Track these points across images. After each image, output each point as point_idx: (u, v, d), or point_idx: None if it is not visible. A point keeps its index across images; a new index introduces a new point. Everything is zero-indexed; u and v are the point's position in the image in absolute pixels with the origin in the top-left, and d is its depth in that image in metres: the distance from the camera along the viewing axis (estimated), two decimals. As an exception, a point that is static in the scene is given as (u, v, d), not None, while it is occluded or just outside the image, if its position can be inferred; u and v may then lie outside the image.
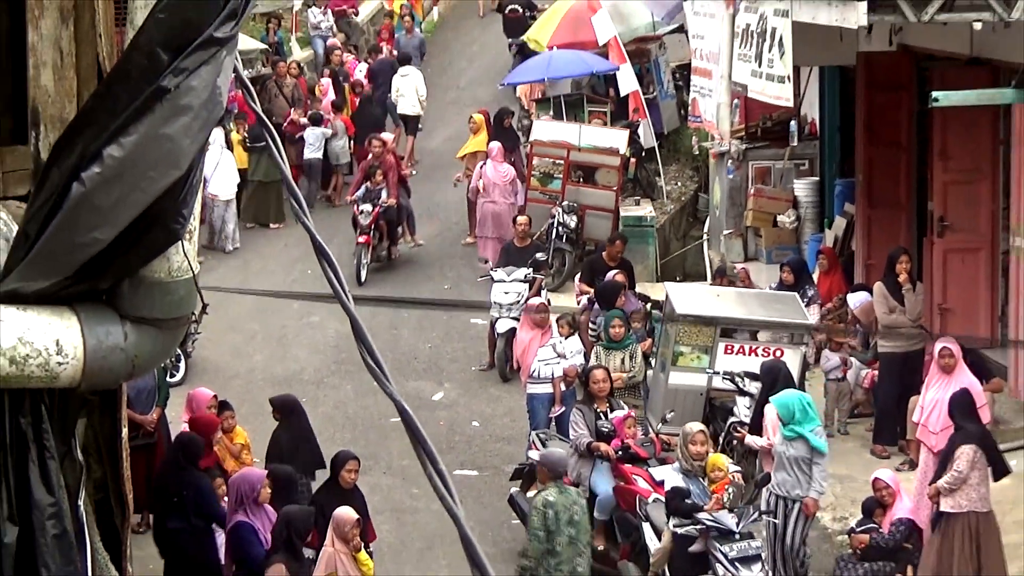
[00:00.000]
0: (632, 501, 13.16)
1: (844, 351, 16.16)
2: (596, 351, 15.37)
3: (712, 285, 18.53)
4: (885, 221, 18.28)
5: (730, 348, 15.23)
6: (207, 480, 12.54)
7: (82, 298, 4.67)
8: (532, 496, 12.81)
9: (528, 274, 19.13)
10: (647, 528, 12.85)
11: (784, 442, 12.80)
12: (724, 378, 14.90)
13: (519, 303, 18.50)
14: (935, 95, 13.56)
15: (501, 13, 31.35)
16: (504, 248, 20.21)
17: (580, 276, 19.09)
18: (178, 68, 4.45)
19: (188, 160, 4.52)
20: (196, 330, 17.01)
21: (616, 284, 17.10)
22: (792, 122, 20.78)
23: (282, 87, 25.88)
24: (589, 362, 15.18)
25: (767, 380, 13.90)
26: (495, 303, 18.79)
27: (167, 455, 13.20)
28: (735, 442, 14.28)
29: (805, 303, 16.03)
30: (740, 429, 14.21)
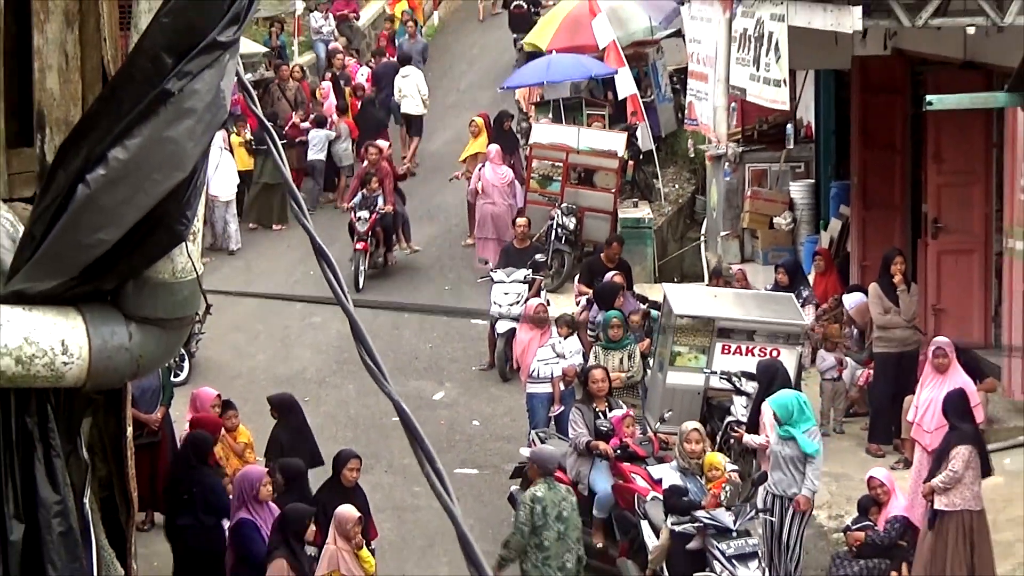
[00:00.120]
0: (631, 499, 13.19)
1: (839, 351, 16.24)
2: (595, 351, 15.41)
3: (709, 286, 18.60)
4: (880, 223, 18.27)
5: (727, 348, 15.21)
6: (216, 477, 12.61)
7: (87, 298, 4.69)
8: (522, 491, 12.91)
9: (527, 275, 19.15)
10: (645, 526, 12.89)
11: (779, 441, 12.83)
12: (721, 378, 14.92)
13: (519, 304, 18.59)
14: (929, 99, 13.57)
15: (507, 9, 31.47)
16: (504, 249, 20.25)
17: (579, 277, 19.05)
18: (182, 72, 4.46)
19: (192, 162, 4.53)
20: (200, 330, 17.12)
21: (614, 285, 17.10)
22: (788, 125, 20.68)
23: (285, 90, 25.99)
24: (588, 362, 15.20)
25: (764, 379, 13.90)
26: (495, 303, 18.90)
27: (178, 453, 13.26)
28: (732, 441, 14.31)
29: (800, 304, 16.12)
30: (737, 428, 14.22)
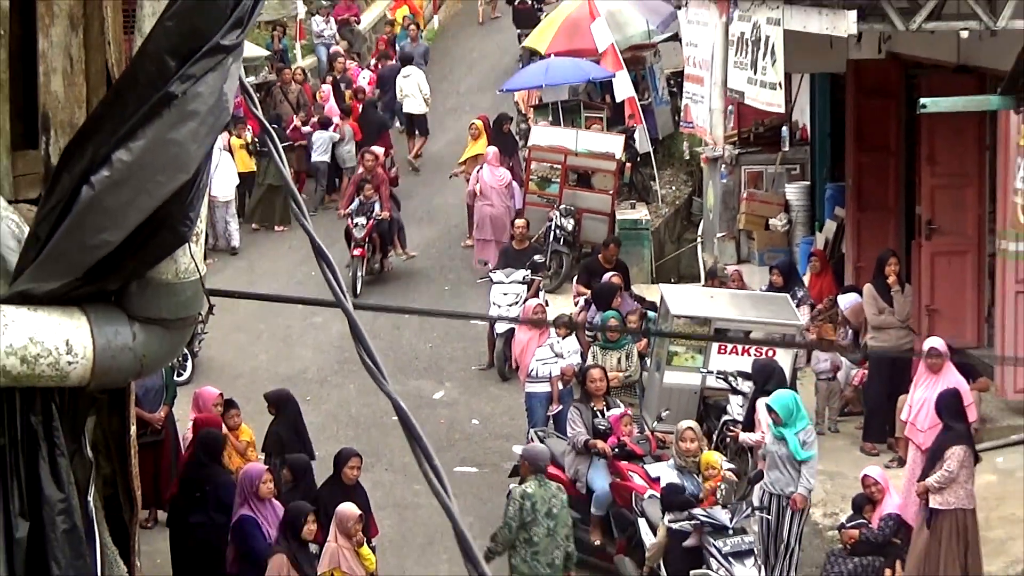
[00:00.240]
0: (628, 497, 13.28)
1: (834, 359, 16.27)
2: (593, 351, 15.51)
3: (705, 287, 18.70)
4: (874, 224, 18.31)
5: (723, 348, 15.25)
6: (227, 476, 12.68)
7: (91, 299, 4.70)
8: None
9: (526, 276, 19.26)
10: (643, 523, 12.97)
11: (775, 441, 12.92)
12: (718, 377, 14.98)
13: (517, 304, 18.69)
14: (923, 102, 13.62)
15: (510, 5, 31.63)
16: (503, 250, 20.36)
17: (577, 278, 19.15)
18: (185, 75, 4.46)
19: (195, 164, 4.54)
20: (203, 330, 17.19)
21: (612, 286, 17.20)
22: (784, 128, 20.76)
23: (287, 93, 26.13)
24: (586, 362, 15.30)
25: (760, 379, 13.98)
26: (494, 304, 19.01)
27: (190, 452, 13.36)
28: (728, 440, 14.40)
29: (796, 304, 16.22)
30: (733, 427, 14.29)
